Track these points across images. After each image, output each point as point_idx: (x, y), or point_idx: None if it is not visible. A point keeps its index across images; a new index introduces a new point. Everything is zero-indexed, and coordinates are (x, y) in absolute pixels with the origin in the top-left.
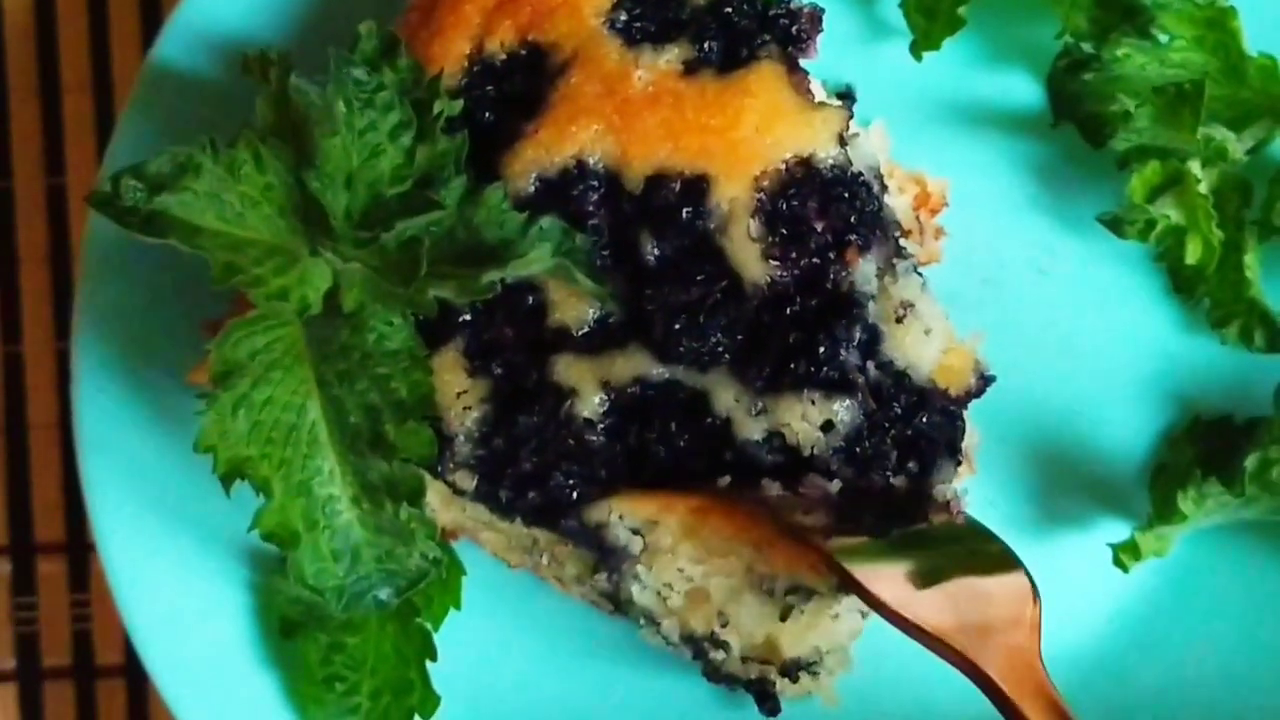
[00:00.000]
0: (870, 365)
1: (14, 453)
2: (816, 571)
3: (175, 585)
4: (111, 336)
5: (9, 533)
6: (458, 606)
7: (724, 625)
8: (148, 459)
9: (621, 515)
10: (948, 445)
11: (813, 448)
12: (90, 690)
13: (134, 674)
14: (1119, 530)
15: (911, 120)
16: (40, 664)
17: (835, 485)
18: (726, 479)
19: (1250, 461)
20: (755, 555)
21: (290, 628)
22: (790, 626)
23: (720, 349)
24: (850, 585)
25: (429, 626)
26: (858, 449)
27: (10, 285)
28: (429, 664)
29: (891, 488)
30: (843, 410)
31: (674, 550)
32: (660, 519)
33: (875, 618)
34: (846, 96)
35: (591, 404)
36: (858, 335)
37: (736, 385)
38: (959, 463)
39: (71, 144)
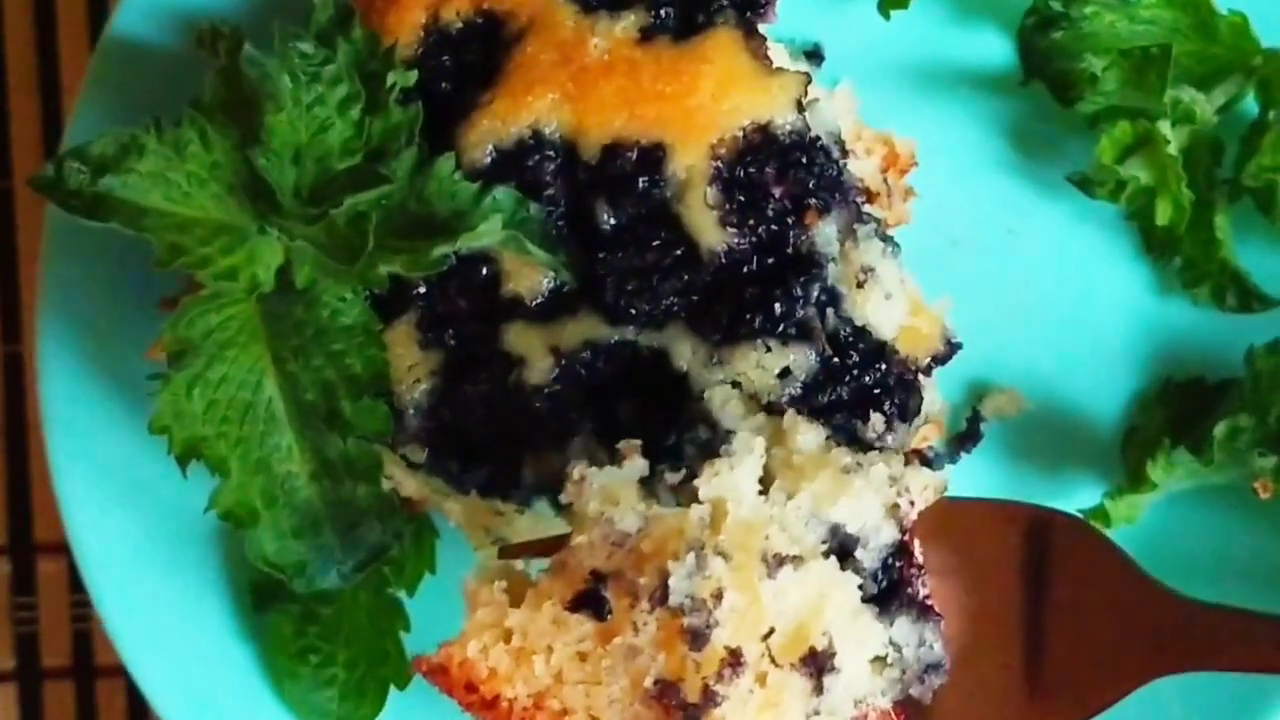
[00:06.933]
0: (830, 313)
1: (14, 453)
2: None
3: (143, 561)
4: (74, 316)
5: (9, 533)
6: (432, 571)
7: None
8: (111, 436)
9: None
10: (899, 409)
11: (769, 395)
12: (90, 690)
13: None
14: (1092, 493)
15: (879, 80)
16: (40, 664)
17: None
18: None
19: (1219, 430)
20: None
21: (263, 600)
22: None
23: (675, 309)
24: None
25: (402, 596)
26: (815, 397)
27: (10, 285)
28: (403, 634)
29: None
30: (799, 356)
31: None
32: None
33: None
34: (814, 55)
35: (540, 370)
36: (815, 294)
37: (693, 339)
38: (908, 427)
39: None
